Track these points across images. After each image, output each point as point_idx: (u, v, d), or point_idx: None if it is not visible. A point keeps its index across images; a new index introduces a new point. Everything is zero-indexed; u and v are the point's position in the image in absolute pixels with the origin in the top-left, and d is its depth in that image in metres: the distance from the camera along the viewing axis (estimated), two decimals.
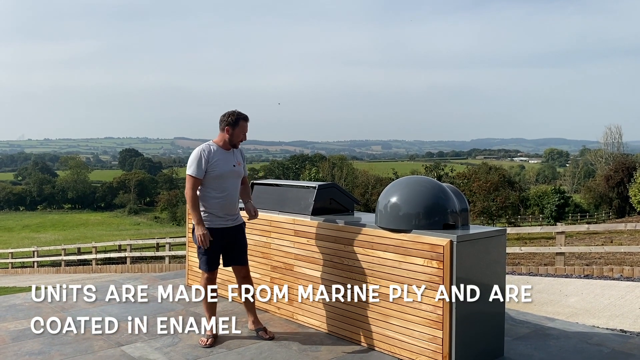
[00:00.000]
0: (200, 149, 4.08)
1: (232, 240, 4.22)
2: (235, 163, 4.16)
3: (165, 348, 4.06)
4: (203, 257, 4.15)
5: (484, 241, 3.74)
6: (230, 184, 4.14)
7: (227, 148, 4.16)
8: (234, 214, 4.22)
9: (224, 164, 4.09)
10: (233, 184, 4.16)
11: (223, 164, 4.09)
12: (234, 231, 4.23)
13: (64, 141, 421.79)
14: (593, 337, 4.37)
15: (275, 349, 4.05)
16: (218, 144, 4.14)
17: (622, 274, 9.44)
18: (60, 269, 22.00)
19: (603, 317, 6.56)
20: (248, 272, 4.38)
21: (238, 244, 4.27)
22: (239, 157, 4.23)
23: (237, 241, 4.26)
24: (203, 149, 4.07)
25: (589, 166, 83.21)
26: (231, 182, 4.14)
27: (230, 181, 4.14)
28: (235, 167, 4.16)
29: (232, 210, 4.18)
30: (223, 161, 4.09)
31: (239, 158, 4.23)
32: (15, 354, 3.94)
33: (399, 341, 3.85)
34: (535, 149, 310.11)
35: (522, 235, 25.93)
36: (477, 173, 47.67)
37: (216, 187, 4.09)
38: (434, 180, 4.02)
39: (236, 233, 4.25)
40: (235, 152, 4.23)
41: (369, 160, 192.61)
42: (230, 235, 4.20)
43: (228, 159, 4.13)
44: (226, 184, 4.11)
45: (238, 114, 4.13)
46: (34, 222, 77.70)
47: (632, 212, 46.86)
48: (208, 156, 4.05)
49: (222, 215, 4.13)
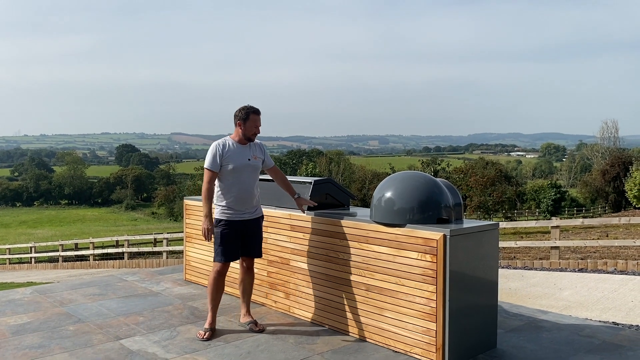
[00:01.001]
0: (215, 143, 4.21)
1: (249, 233, 4.31)
2: (250, 157, 4.24)
3: (164, 341, 4.11)
4: (218, 249, 4.22)
5: (477, 235, 3.80)
6: (246, 177, 4.21)
7: (243, 142, 4.26)
8: (252, 207, 4.30)
9: (239, 157, 4.18)
10: (249, 177, 4.24)
11: (237, 158, 4.18)
12: (252, 224, 4.31)
13: (61, 137, 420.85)
14: (585, 329, 4.44)
15: (272, 341, 4.11)
16: (234, 139, 4.25)
17: (616, 268, 9.53)
18: (57, 264, 22.02)
19: (596, 310, 6.64)
20: (253, 264, 4.47)
21: (255, 237, 4.36)
22: (256, 151, 4.31)
23: (254, 234, 4.35)
24: (218, 143, 4.20)
25: (585, 161, 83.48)
26: (247, 175, 4.22)
27: (246, 174, 4.21)
28: (250, 161, 4.23)
29: (249, 202, 4.26)
30: (238, 155, 4.18)
31: (256, 152, 4.30)
32: (16, 347, 3.99)
33: (393, 333, 3.91)
34: (532, 143, 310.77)
35: (518, 229, 26.04)
36: (474, 168, 47.72)
37: (232, 181, 4.18)
38: (427, 175, 4.07)
39: (254, 225, 4.34)
40: (253, 146, 4.31)
41: (366, 155, 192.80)
42: (247, 227, 4.28)
43: (243, 152, 4.22)
44: (242, 177, 4.19)
45: (248, 108, 4.22)
46: (31, 218, 77.57)
47: (628, 206, 47.03)
48: (222, 150, 4.16)
49: (239, 208, 4.21)
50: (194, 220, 5.97)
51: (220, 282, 4.25)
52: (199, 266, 5.90)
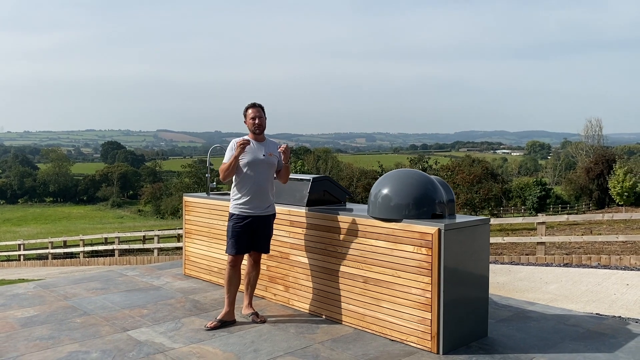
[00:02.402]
0: (234, 140, 4.43)
1: (259, 228, 4.48)
2: (265, 153, 4.43)
3: (169, 332, 4.28)
4: (230, 241, 4.42)
5: (470, 229, 4.01)
6: (259, 173, 4.39)
7: (259, 140, 4.47)
8: (265, 203, 4.47)
9: (252, 153, 4.38)
10: (263, 173, 4.41)
11: (251, 154, 4.38)
12: (263, 220, 4.49)
13: (45, 133, 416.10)
14: (570, 319, 4.68)
15: (274, 332, 4.29)
16: (250, 137, 4.46)
17: (600, 263, 9.83)
18: (47, 262, 21.98)
19: (580, 302, 6.90)
20: (260, 259, 4.65)
21: (264, 233, 4.54)
22: (271, 148, 4.50)
23: (264, 230, 4.52)
24: (235, 140, 4.42)
25: (570, 158, 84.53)
26: (260, 171, 4.40)
27: (260, 170, 4.40)
28: (264, 157, 4.42)
29: (262, 198, 4.44)
30: (252, 151, 4.39)
31: (271, 149, 4.49)
32: (26, 338, 4.13)
33: (390, 323, 4.11)
34: (518, 141, 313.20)
35: (504, 226, 26.44)
36: (460, 165, 48.21)
37: (246, 175, 4.39)
38: (422, 172, 4.28)
39: (264, 222, 4.51)
40: (269, 143, 4.51)
41: (354, 153, 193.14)
42: (258, 223, 4.46)
43: (258, 149, 4.42)
44: (256, 172, 4.38)
45: (246, 105, 4.46)
46: (15, 216, 76.89)
47: (611, 203, 47.79)
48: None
49: (251, 203, 4.40)
50: (193, 217, 6.12)
51: (232, 273, 4.44)
52: (198, 261, 6.06)
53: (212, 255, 5.84)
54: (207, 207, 5.89)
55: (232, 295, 4.49)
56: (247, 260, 4.63)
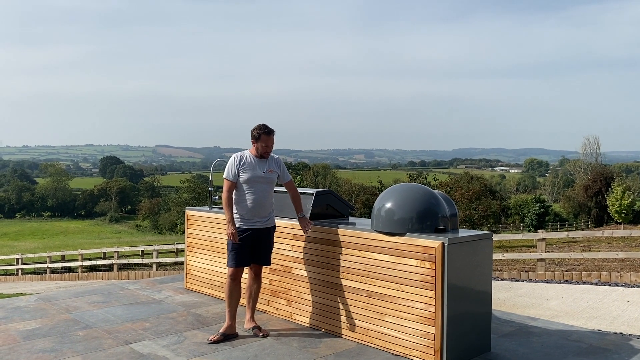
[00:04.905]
0: (234, 155, 4.50)
1: (260, 241, 4.53)
2: (265, 170, 4.48)
3: (172, 345, 4.27)
4: (231, 254, 4.45)
5: (473, 244, 4.03)
6: (258, 189, 4.45)
7: (259, 157, 4.52)
8: (264, 216, 4.52)
9: (253, 170, 4.44)
10: (263, 189, 4.47)
11: (252, 170, 4.44)
12: (263, 232, 4.54)
13: (43, 148, 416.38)
14: (572, 335, 4.69)
15: (277, 346, 4.28)
16: (252, 153, 4.51)
17: (600, 279, 9.83)
18: (45, 276, 21.87)
19: (582, 319, 6.89)
20: (261, 271, 4.68)
21: (265, 245, 4.58)
22: (272, 165, 4.54)
23: (264, 242, 4.57)
24: (236, 155, 4.49)
25: (568, 176, 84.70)
26: (260, 187, 4.46)
27: (259, 186, 4.45)
28: (265, 174, 4.47)
29: (261, 212, 4.49)
30: (253, 167, 4.45)
31: (271, 166, 4.53)
32: (29, 351, 4.12)
33: (393, 337, 4.11)
34: (516, 158, 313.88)
35: (502, 242, 26.43)
36: (459, 182, 48.27)
37: (246, 191, 4.44)
38: (426, 187, 4.31)
39: (265, 234, 4.56)
40: (270, 160, 4.56)
41: (352, 169, 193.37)
42: (258, 235, 4.51)
43: (259, 166, 4.47)
44: (255, 188, 4.43)
45: (260, 129, 4.45)
46: (12, 230, 76.63)
47: (609, 221, 47.82)
48: (239, 162, 4.44)
49: (251, 216, 4.45)
50: (195, 230, 6.13)
51: (233, 287, 4.45)
52: (200, 275, 6.06)
53: (214, 269, 5.84)
54: (209, 220, 5.90)
55: (233, 308, 4.49)
56: (248, 274, 4.64)
